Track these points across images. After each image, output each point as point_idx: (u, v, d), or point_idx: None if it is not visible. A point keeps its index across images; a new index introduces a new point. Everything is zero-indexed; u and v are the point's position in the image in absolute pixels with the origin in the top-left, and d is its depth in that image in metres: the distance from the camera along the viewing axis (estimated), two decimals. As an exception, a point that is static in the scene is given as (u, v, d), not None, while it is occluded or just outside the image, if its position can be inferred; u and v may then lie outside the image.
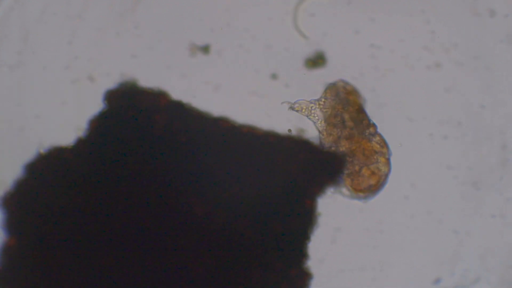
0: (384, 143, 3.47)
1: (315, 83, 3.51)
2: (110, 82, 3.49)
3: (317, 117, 3.47)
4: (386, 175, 3.46)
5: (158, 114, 3.41)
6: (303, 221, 3.41)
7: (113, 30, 3.54)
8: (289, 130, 3.45)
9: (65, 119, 3.48)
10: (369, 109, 3.52)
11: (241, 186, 3.37)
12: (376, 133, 3.47)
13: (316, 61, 3.50)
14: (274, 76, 3.51)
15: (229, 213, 3.36)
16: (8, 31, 3.54)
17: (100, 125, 3.43)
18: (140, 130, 3.40)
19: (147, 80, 3.49)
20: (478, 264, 3.51)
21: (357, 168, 3.45)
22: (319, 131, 3.47)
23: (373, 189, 3.46)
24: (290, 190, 3.40)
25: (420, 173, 3.53)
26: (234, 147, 3.40)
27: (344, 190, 3.46)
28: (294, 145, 3.44)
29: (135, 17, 3.54)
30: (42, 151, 3.43)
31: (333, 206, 3.47)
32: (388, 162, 3.48)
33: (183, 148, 3.39)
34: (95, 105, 3.46)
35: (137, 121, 3.40)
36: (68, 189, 3.38)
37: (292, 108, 3.44)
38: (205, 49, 3.50)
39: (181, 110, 3.44)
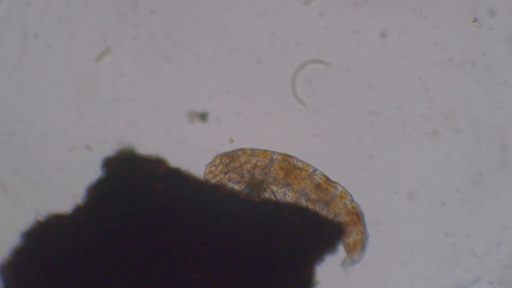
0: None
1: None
2: (108, 149, 3.49)
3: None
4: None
5: (157, 182, 3.40)
6: (301, 288, 3.42)
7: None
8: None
9: (63, 186, 3.48)
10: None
11: (239, 253, 3.37)
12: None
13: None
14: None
15: (228, 280, 3.36)
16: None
17: (98, 192, 3.42)
18: (139, 198, 3.39)
19: (145, 147, 3.49)
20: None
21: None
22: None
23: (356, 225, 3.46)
24: (288, 257, 3.40)
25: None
26: (232, 215, 3.40)
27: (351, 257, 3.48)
28: (293, 212, 3.45)
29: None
30: (40, 218, 3.43)
31: (331, 273, 3.47)
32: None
33: (181, 216, 3.39)
34: (93, 172, 3.44)
35: (135, 189, 3.39)
36: (66, 256, 3.37)
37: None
38: (203, 116, 3.50)
39: (180, 178, 3.43)
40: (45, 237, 3.40)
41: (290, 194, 3.45)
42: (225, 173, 3.44)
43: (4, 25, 3.54)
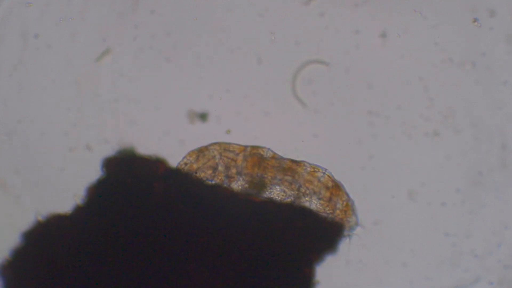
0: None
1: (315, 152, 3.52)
2: (108, 149, 3.49)
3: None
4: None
5: (156, 182, 3.40)
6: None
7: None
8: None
9: (63, 186, 3.48)
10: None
11: (239, 253, 3.37)
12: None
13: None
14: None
15: (227, 280, 3.36)
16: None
17: (97, 192, 3.42)
18: (138, 198, 3.39)
19: (145, 147, 3.49)
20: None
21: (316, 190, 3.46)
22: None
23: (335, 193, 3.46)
24: (288, 258, 3.40)
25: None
26: (232, 215, 3.40)
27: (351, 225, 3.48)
28: (292, 212, 3.45)
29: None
30: (40, 218, 3.43)
31: (331, 273, 3.47)
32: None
33: (181, 216, 3.39)
34: (93, 172, 3.44)
35: (135, 189, 3.39)
36: (66, 256, 3.37)
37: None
38: (203, 116, 3.50)
39: (179, 178, 3.43)
40: (45, 237, 3.40)
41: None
42: (195, 173, 3.44)
43: (4, 25, 3.54)
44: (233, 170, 3.44)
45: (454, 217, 3.52)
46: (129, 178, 3.41)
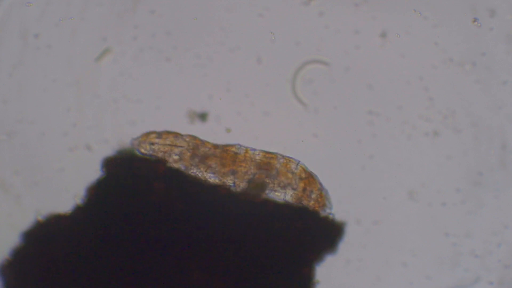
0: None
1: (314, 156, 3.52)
2: (108, 149, 3.49)
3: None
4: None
5: (156, 181, 3.40)
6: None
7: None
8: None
9: (63, 186, 3.48)
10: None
11: (239, 253, 3.38)
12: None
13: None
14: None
15: (227, 280, 3.36)
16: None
17: (97, 192, 3.42)
18: (138, 198, 3.39)
19: None
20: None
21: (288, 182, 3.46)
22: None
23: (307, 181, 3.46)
24: (288, 257, 3.40)
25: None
26: (231, 214, 3.40)
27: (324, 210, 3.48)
28: (292, 212, 3.45)
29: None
30: (40, 218, 3.43)
31: (331, 273, 3.47)
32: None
33: (181, 215, 3.39)
34: (93, 172, 3.44)
35: (135, 189, 3.39)
36: (65, 256, 3.37)
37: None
38: (203, 116, 3.50)
39: (179, 177, 3.43)
40: (45, 237, 3.40)
41: (239, 181, 3.45)
42: (152, 144, 3.44)
43: (4, 25, 3.54)
44: (196, 159, 3.45)
45: (454, 217, 3.52)
46: (129, 178, 3.41)
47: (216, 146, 3.46)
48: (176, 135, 3.46)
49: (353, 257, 3.50)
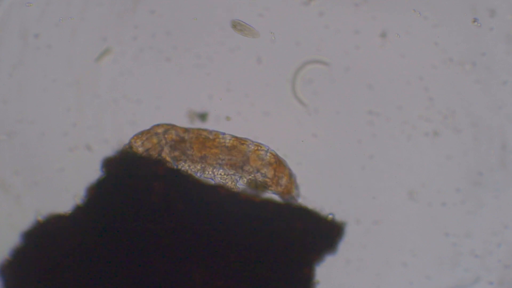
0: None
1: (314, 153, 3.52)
2: (108, 149, 3.49)
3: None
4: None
5: (156, 182, 3.40)
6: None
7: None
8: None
9: (63, 186, 3.48)
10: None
11: (239, 254, 3.38)
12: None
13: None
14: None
15: (227, 280, 3.36)
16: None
17: (97, 192, 3.41)
18: (138, 198, 3.39)
19: None
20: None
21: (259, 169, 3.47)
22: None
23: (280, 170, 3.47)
24: (288, 257, 3.40)
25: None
26: (231, 215, 3.40)
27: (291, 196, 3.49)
28: (292, 213, 3.45)
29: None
30: (40, 218, 3.43)
31: (331, 273, 3.47)
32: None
33: (181, 215, 3.39)
34: (93, 172, 3.44)
35: (135, 189, 3.39)
36: (66, 256, 3.37)
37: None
38: (203, 116, 3.50)
39: (179, 177, 3.44)
40: (45, 237, 3.40)
41: (207, 167, 3.45)
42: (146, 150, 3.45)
43: (4, 25, 3.54)
44: (177, 153, 3.45)
45: (454, 217, 3.52)
46: (129, 178, 3.41)
47: (186, 130, 3.45)
48: (145, 134, 3.46)
49: (353, 257, 3.50)
